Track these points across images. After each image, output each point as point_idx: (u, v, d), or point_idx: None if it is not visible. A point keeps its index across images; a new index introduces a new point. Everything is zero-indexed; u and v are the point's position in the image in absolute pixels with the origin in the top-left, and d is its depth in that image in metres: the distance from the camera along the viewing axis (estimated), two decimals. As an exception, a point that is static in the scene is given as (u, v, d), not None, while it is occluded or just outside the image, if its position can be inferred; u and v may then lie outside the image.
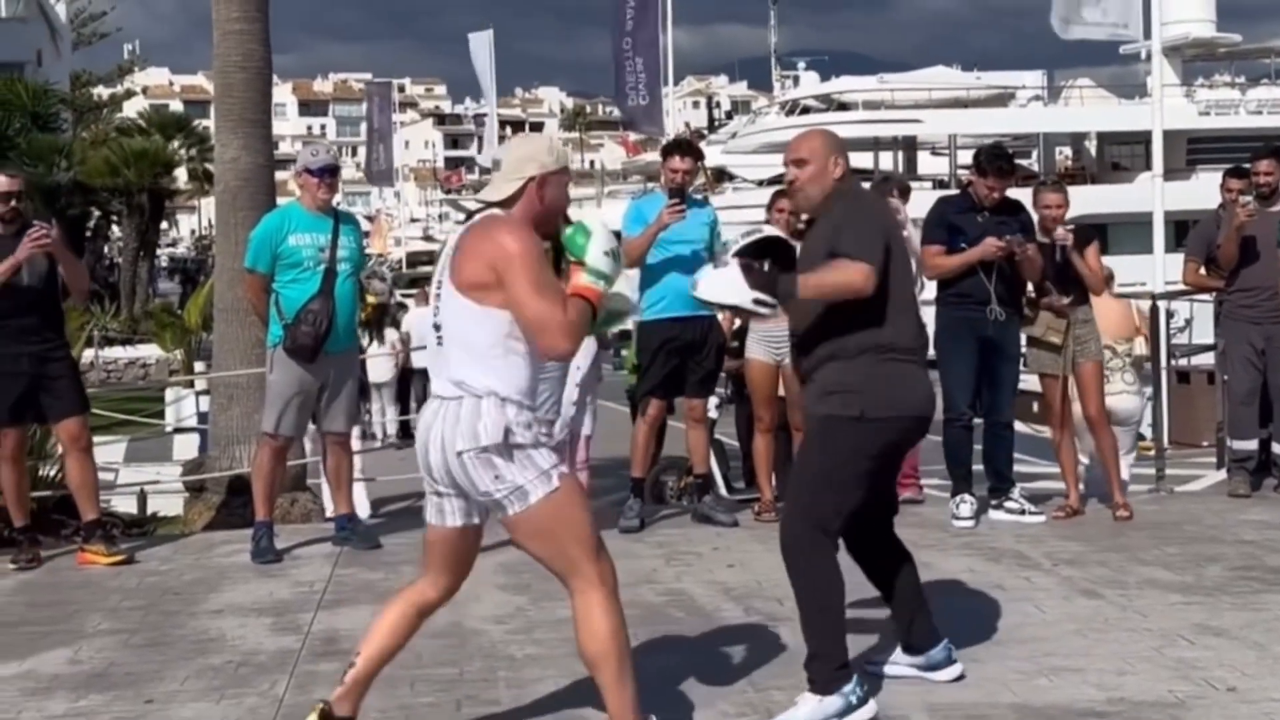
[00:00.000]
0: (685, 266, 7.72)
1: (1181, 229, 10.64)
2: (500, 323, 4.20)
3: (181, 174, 41.19)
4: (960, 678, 5.22)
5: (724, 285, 4.70)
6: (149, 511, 10.86)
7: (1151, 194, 14.69)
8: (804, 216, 5.39)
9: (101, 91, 56.91)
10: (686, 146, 8.46)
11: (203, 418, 15.09)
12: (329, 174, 7.72)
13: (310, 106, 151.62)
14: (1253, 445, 9.19)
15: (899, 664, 5.28)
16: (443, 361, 4.30)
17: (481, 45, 33.57)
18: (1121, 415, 9.05)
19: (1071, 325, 8.27)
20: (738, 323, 8.77)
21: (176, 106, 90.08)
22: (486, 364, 4.21)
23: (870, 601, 5.37)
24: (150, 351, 29.62)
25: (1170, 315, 16.42)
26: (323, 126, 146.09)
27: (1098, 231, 8.83)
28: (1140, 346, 9.67)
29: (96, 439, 8.22)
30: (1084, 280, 8.29)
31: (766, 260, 4.76)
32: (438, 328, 4.33)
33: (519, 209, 4.33)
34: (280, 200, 9.23)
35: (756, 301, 4.68)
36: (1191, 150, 41.65)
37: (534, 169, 4.32)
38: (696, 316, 7.95)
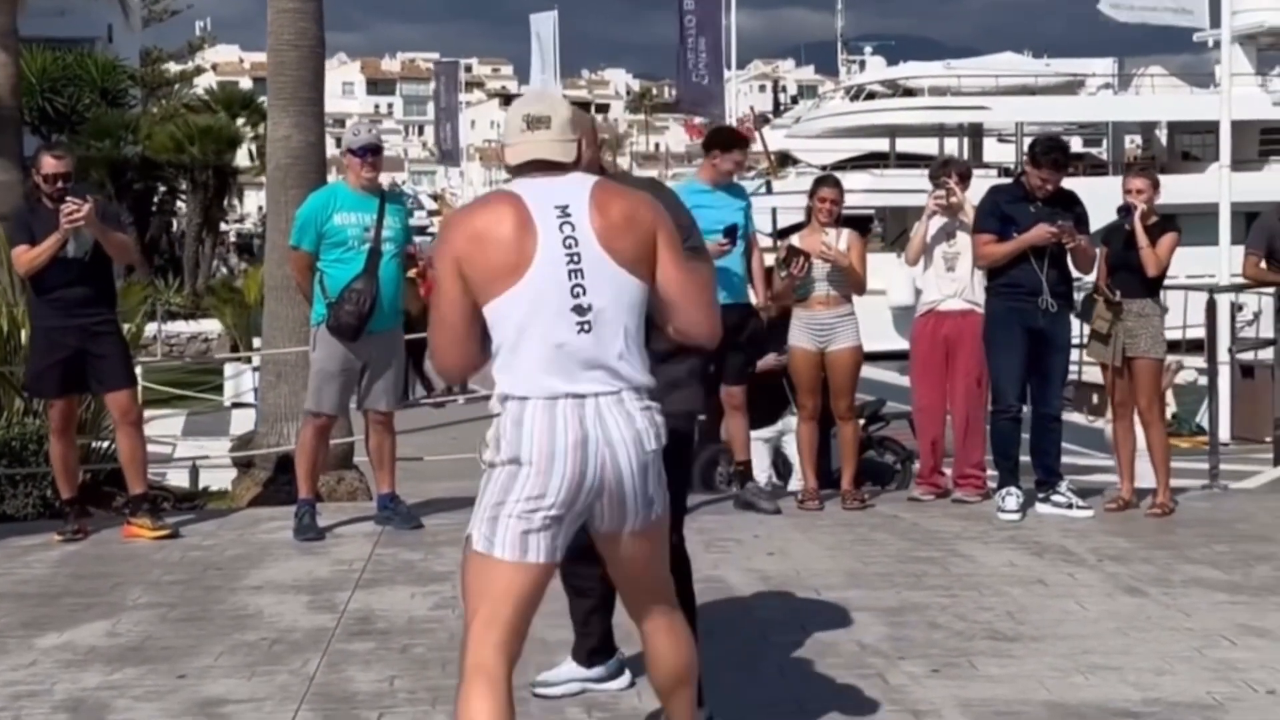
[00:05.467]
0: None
1: (1252, 220, 10.49)
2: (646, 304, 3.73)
3: (244, 151, 41.46)
4: (631, 684, 4.98)
5: None
6: (200, 486, 10.97)
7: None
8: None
9: (172, 67, 57.42)
10: (730, 138, 8.38)
11: (259, 393, 15.25)
12: (371, 153, 7.70)
13: (378, 85, 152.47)
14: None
15: (570, 680, 4.97)
16: (589, 348, 3.59)
17: (544, 25, 33.60)
18: None
19: (1123, 316, 8.12)
20: (774, 312, 8.72)
21: (246, 84, 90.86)
22: (640, 352, 3.69)
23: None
24: (212, 326, 29.94)
25: (1239, 308, 16.18)
26: (390, 105, 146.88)
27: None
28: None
29: (156, 413, 8.28)
30: (1143, 264, 8.02)
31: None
32: (583, 310, 3.59)
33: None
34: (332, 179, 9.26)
35: None
36: (1265, 141, 40.89)
37: (586, 126, 3.90)
38: (734, 304, 7.85)
